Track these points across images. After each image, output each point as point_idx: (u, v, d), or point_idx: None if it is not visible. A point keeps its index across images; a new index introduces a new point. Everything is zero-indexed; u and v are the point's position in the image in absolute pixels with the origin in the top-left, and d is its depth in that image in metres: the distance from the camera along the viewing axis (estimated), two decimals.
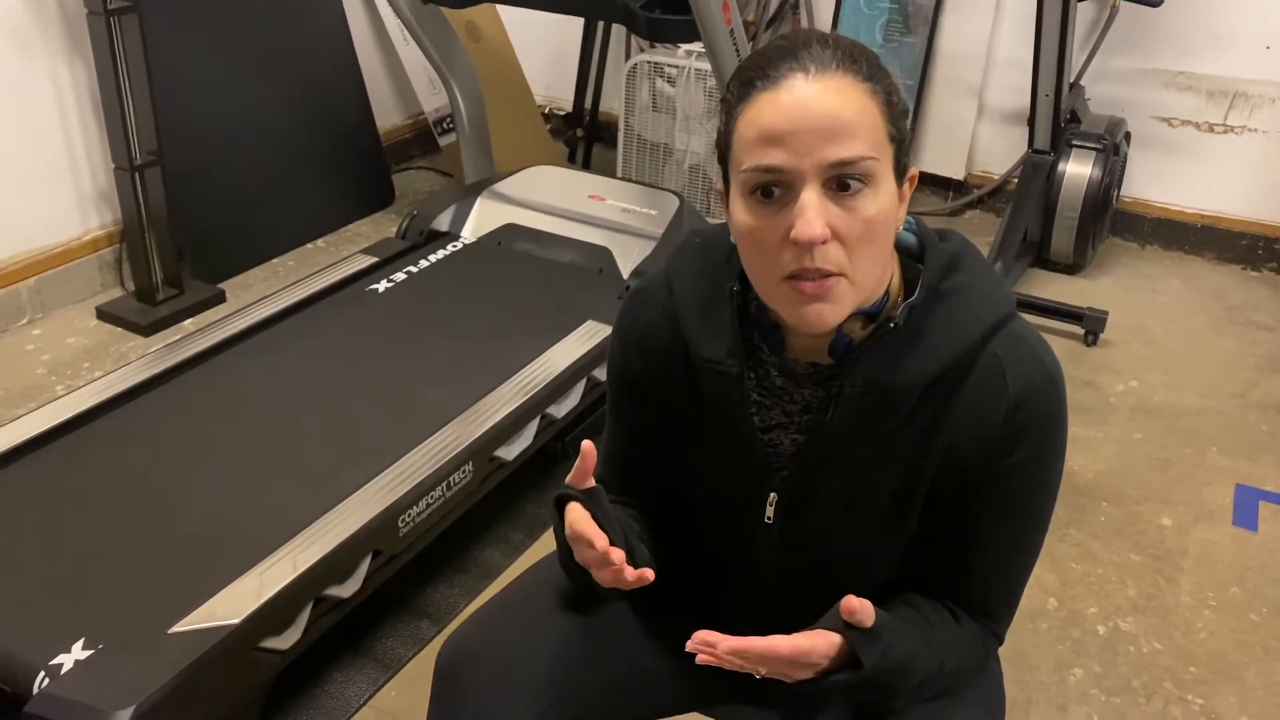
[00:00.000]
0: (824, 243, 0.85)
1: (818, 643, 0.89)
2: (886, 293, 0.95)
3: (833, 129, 0.85)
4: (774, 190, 0.87)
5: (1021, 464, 0.96)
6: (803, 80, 0.86)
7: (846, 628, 0.90)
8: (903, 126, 0.91)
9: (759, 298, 0.97)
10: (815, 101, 0.85)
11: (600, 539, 0.90)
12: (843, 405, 0.96)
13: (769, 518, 1.04)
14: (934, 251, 0.97)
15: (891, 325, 0.93)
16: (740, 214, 0.90)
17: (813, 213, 0.85)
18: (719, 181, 0.97)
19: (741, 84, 0.90)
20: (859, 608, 0.89)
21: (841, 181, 0.86)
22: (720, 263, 1.02)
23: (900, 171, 0.91)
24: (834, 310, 0.88)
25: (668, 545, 1.14)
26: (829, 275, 0.86)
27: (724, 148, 0.93)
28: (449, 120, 3.66)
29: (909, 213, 0.97)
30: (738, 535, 1.07)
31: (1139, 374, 2.66)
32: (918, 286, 0.95)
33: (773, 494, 1.03)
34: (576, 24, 3.73)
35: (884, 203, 0.88)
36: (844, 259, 0.87)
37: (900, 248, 0.98)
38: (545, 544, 2.02)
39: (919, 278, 0.96)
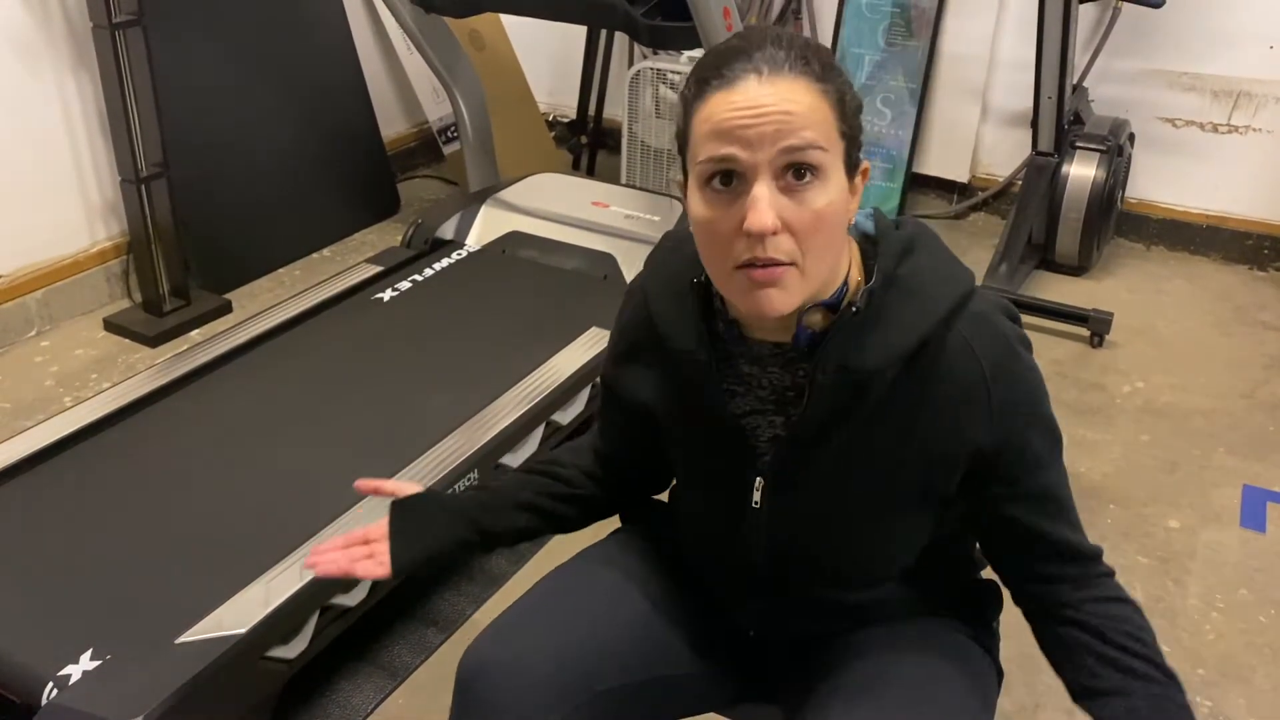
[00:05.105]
0: (775, 233, 0.88)
1: None
2: (845, 283, 0.98)
3: (784, 124, 0.88)
4: (727, 179, 0.90)
5: (1021, 424, 0.98)
6: (755, 82, 0.89)
7: None
8: (855, 123, 0.94)
9: (722, 301, 1.01)
10: (767, 99, 0.88)
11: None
12: (816, 392, 0.98)
13: (756, 502, 1.06)
14: (889, 238, 1.00)
15: (854, 311, 0.96)
16: (697, 206, 0.93)
17: (764, 204, 0.88)
18: (679, 174, 0.99)
19: (697, 82, 0.93)
20: None
21: (792, 172, 0.88)
22: (691, 259, 1.04)
23: (851, 166, 0.94)
24: (783, 296, 0.91)
25: (681, 537, 1.18)
26: (780, 263, 0.89)
27: (682, 141, 0.96)
28: (453, 129, 3.67)
29: (868, 205, 1.00)
30: (727, 522, 1.09)
31: (1145, 375, 2.66)
32: (874, 274, 0.98)
33: (758, 478, 1.05)
34: (579, 31, 3.74)
35: (834, 195, 0.90)
36: (795, 249, 0.90)
37: (859, 237, 1.02)
38: (552, 551, 2.02)
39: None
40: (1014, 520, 1.01)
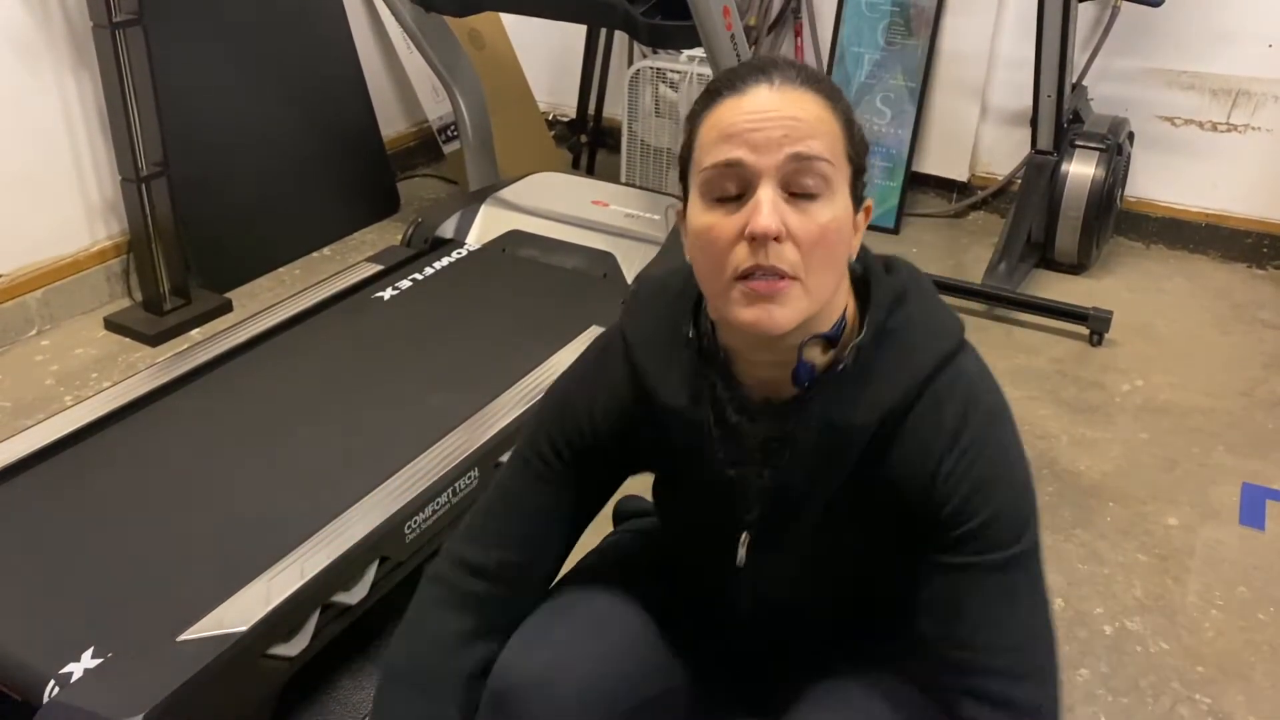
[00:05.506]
0: (778, 239, 0.86)
1: None
2: (843, 320, 0.95)
3: (793, 129, 0.87)
4: (732, 188, 0.88)
5: (969, 492, 0.92)
6: (766, 89, 0.89)
7: None
8: (862, 155, 0.92)
9: (712, 334, 0.97)
10: (777, 106, 0.88)
11: None
12: (798, 448, 0.95)
13: (740, 559, 1.04)
14: (879, 287, 0.97)
15: (840, 367, 0.93)
16: (697, 216, 0.91)
17: (769, 207, 0.86)
18: (679, 204, 0.97)
19: (708, 94, 0.92)
20: None
21: (798, 183, 0.87)
22: (672, 306, 1.01)
23: (856, 198, 0.92)
24: (785, 313, 0.88)
25: (673, 574, 1.16)
26: (782, 276, 0.87)
27: (685, 160, 0.94)
28: (453, 128, 3.67)
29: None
30: (713, 576, 1.08)
31: (1145, 374, 2.66)
32: (864, 325, 0.94)
33: (744, 534, 1.03)
34: (579, 30, 3.74)
35: (839, 213, 0.89)
36: (798, 261, 0.87)
37: (850, 279, 0.98)
38: None
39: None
40: (931, 601, 0.94)
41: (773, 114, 0.87)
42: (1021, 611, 0.93)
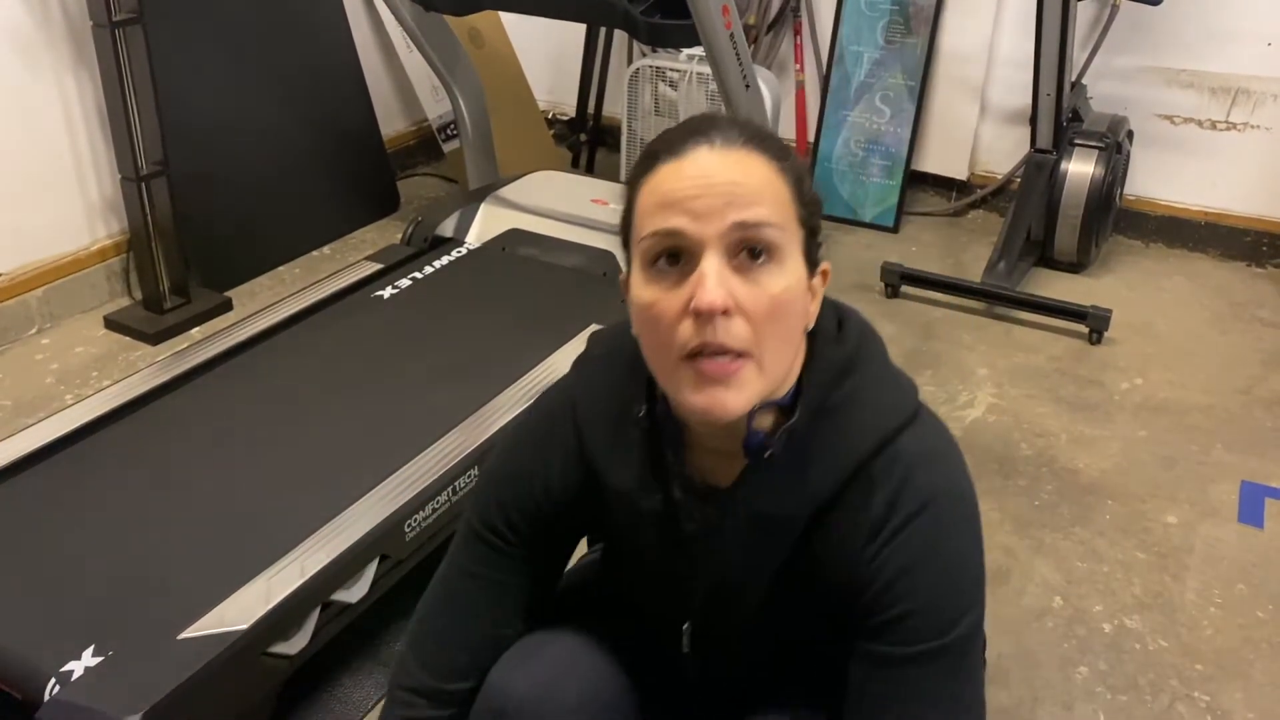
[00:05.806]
0: (726, 313, 0.79)
1: None
2: (799, 386, 0.89)
3: (737, 195, 0.81)
4: (674, 259, 0.82)
5: (893, 590, 0.88)
6: (707, 150, 0.83)
7: None
8: (815, 214, 0.87)
9: (663, 408, 0.92)
10: (719, 170, 0.82)
11: None
12: (729, 538, 0.92)
13: (685, 647, 1.02)
14: (823, 360, 0.90)
15: (768, 454, 0.88)
16: (639, 289, 0.85)
17: (714, 280, 0.79)
18: (624, 271, 0.91)
19: (646, 158, 0.87)
20: None
21: (746, 251, 0.81)
22: (625, 375, 0.97)
23: (811, 261, 0.87)
24: (738, 398, 0.82)
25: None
26: (734, 355, 0.81)
27: (626, 227, 0.89)
28: (453, 126, 3.67)
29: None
30: (659, 659, 1.06)
31: (1144, 372, 2.66)
32: (798, 408, 0.89)
33: (686, 623, 1.01)
34: (579, 29, 3.74)
35: (791, 281, 0.83)
36: (749, 337, 0.81)
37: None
38: None
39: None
40: (850, 687, 0.90)
41: (714, 179, 0.81)
42: (936, 710, 0.88)
